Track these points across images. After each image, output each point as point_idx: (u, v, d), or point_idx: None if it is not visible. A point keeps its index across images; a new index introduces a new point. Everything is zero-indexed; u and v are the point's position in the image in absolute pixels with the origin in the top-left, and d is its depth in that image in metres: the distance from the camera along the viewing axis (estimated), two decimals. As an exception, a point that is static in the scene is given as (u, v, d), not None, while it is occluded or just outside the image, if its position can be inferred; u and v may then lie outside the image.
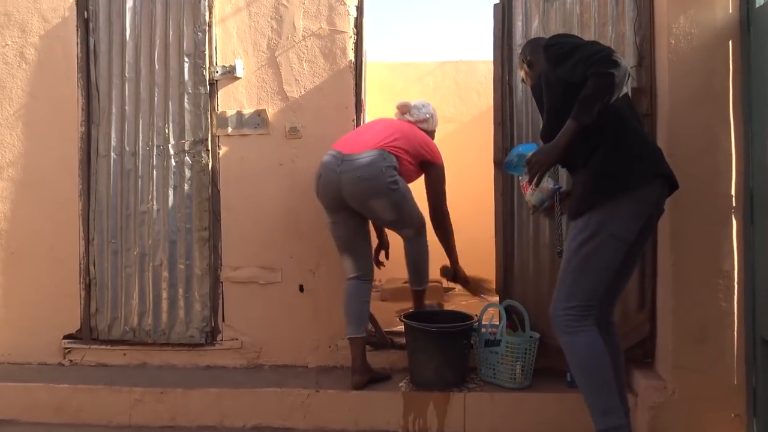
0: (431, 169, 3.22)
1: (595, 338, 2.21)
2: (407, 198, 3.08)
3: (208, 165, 3.55)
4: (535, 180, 2.26)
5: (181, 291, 3.59)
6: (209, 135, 3.55)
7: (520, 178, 2.50)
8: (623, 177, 2.15)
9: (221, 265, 3.58)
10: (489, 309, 3.30)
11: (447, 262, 3.43)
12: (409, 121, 3.29)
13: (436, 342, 3.07)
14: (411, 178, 3.21)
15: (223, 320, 3.58)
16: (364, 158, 2.99)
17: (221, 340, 3.58)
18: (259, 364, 3.56)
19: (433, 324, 3.11)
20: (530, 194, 2.40)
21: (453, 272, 3.45)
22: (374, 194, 3.00)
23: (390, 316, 3.99)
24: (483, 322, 3.25)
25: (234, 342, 3.58)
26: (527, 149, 2.46)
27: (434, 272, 3.45)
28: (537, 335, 3.11)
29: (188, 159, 3.57)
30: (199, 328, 3.59)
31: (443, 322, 3.20)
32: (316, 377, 3.37)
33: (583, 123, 2.10)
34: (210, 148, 3.55)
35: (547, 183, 2.39)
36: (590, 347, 2.21)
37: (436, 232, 3.29)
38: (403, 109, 3.31)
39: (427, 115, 3.30)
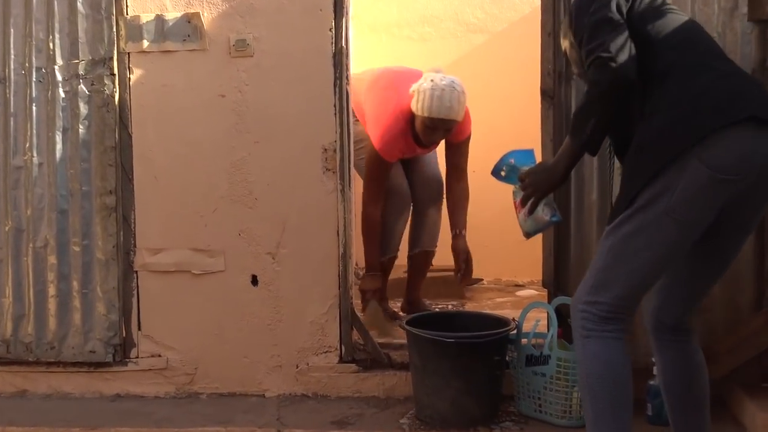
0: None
1: (613, 350, 2.30)
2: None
3: (113, 97, 3.55)
4: (528, 205, 2.51)
5: (76, 285, 3.60)
6: (115, 52, 3.55)
7: (513, 190, 2.64)
8: (682, 131, 2.21)
9: (135, 246, 3.61)
10: (533, 310, 3.32)
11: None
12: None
13: (455, 359, 3.10)
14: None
15: (140, 328, 3.62)
16: None
17: (137, 358, 3.62)
18: (193, 392, 3.61)
19: (450, 333, 3.13)
20: (522, 219, 2.59)
21: None
22: None
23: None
24: (524, 330, 3.26)
25: (156, 360, 3.62)
26: (521, 160, 2.65)
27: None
28: (603, 349, 3.12)
29: (84, 88, 3.57)
30: (104, 339, 3.61)
31: (465, 329, 3.21)
32: (278, 411, 3.40)
33: (578, 144, 2.37)
34: (116, 71, 3.55)
35: (543, 213, 2.57)
36: (602, 361, 2.30)
37: None
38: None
39: (413, 91, 3.89)
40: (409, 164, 4.20)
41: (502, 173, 2.66)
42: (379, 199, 3.97)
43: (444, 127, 3.88)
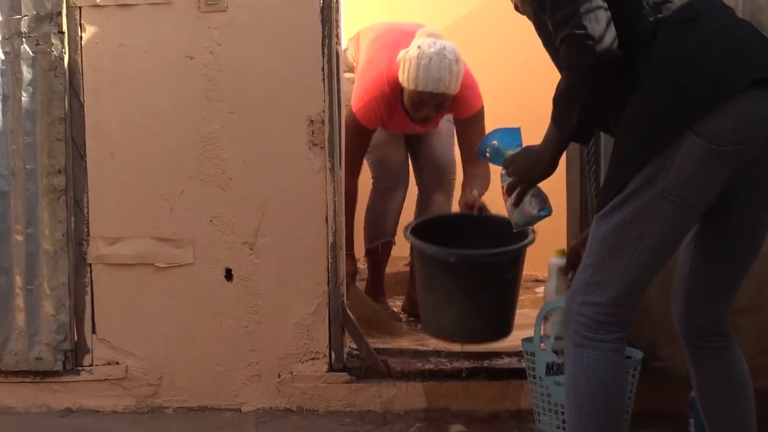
0: None
1: (609, 365, 2.30)
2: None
3: (62, 59, 3.53)
4: (514, 199, 2.57)
5: (19, 280, 3.59)
6: (64, 6, 3.52)
7: (501, 173, 2.68)
8: (678, 108, 2.20)
9: (88, 234, 3.58)
10: (555, 309, 3.14)
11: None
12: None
13: (462, 278, 3.20)
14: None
15: (94, 331, 3.59)
16: None
17: (91, 366, 3.59)
18: (157, 405, 3.59)
19: (457, 250, 3.24)
20: (510, 208, 2.65)
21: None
22: None
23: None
24: (542, 333, 3.16)
25: (113, 368, 3.59)
26: (505, 142, 2.71)
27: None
28: (639, 355, 3.06)
29: (27, 48, 3.55)
30: (53, 344, 3.57)
31: (479, 237, 3.36)
32: (256, 428, 3.38)
33: (565, 134, 2.39)
34: (66, 29, 3.53)
35: (530, 206, 2.61)
36: (596, 377, 2.30)
37: None
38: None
39: (399, 59, 3.86)
40: (416, 143, 4.18)
41: (487, 154, 2.74)
42: (355, 170, 3.99)
43: (434, 102, 3.83)
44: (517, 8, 2.57)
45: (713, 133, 2.15)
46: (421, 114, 3.89)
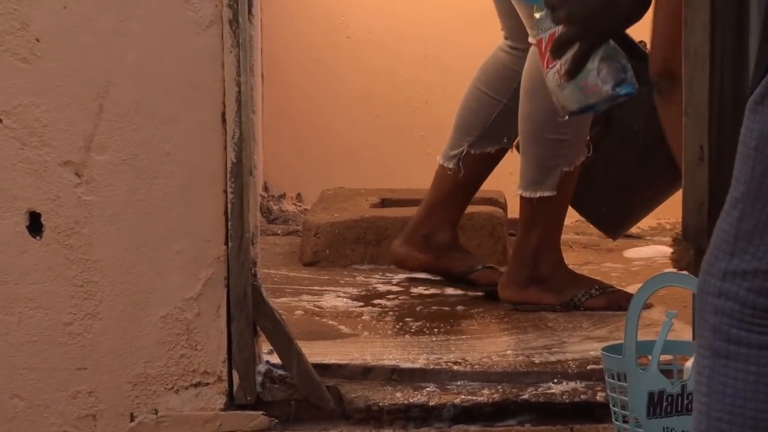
0: None
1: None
2: None
3: None
4: (569, 65, 2.16)
5: None
6: None
7: (535, 19, 2.37)
8: None
9: None
10: (664, 288, 2.70)
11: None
12: None
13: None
14: None
15: None
16: None
17: None
18: None
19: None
20: (555, 82, 2.23)
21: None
22: None
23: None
24: (640, 337, 2.55)
25: None
26: None
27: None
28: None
29: None
30: None
31: None
32: None
33: None
34: None
35: (599, 77, 2.17)
36: (751, 408, 1.71)
37: None
38: None
39: None
40: None
41: None
42: None
43: None
44: None
45: None
46: None
